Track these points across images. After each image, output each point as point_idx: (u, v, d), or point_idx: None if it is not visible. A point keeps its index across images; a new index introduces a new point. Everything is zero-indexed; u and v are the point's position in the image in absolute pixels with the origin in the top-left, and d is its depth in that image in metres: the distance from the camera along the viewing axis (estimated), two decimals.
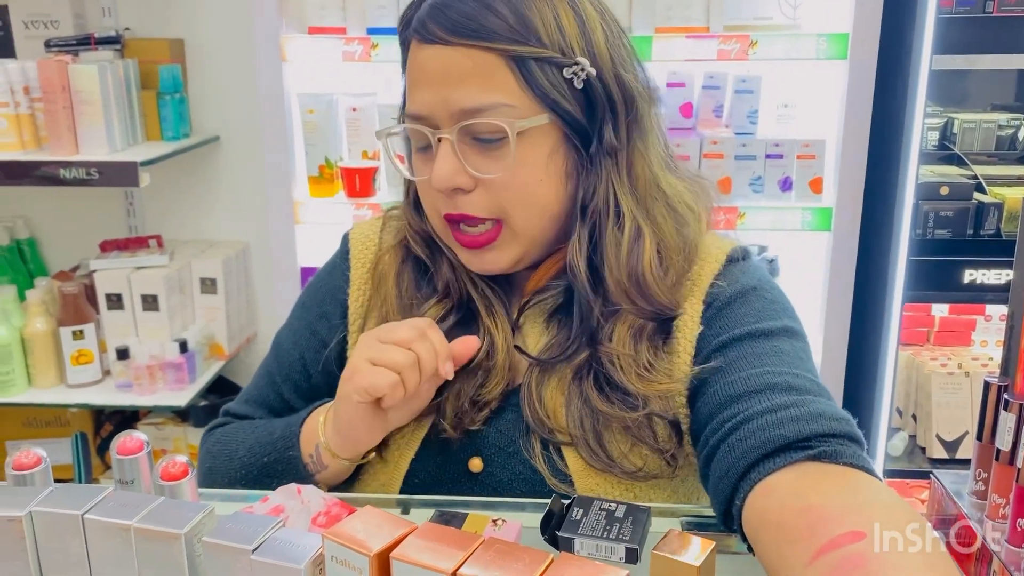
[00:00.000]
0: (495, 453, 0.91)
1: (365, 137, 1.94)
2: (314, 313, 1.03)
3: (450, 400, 0.91)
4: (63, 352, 2.00)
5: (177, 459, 0.81)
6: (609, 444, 0.87)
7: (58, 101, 1.85)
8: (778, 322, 0.87)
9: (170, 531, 0.67)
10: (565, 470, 0.88)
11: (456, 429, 0.91)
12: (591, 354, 0.89)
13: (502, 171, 0.84)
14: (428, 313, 0.93)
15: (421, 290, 0.96)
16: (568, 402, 0.88)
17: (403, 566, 0.60)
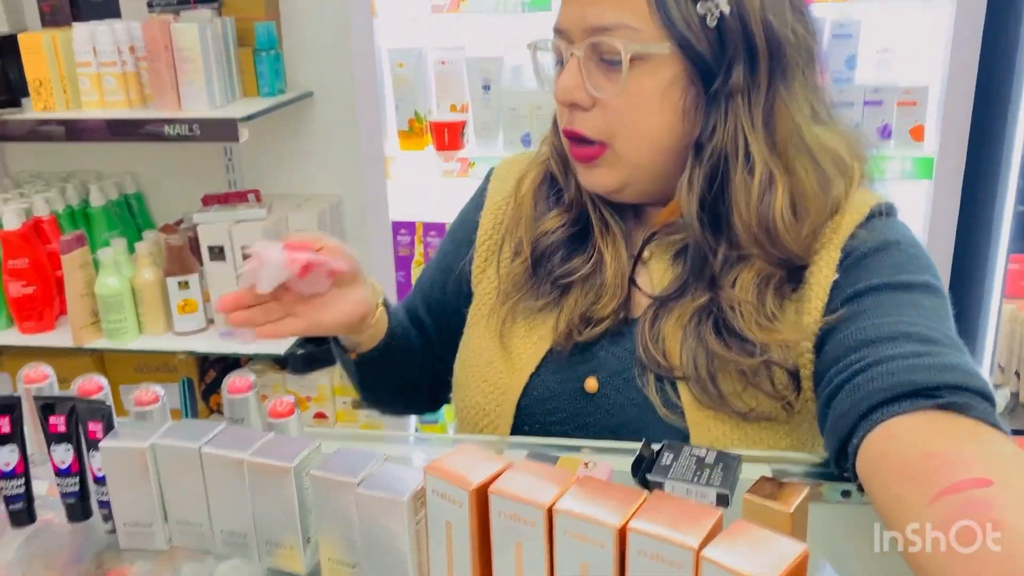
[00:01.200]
0: (610, 377, 0.94)
1: (454, 90, 1.95)
2: (449, 239, 1.12)
3: (564, 312, 0.96)
4: (170, 301, 2.10)
5: (284, 399, 0.85)
6: (722, 383, 0.88)
7: (161, 59, 1.92)
8: (919, 276, 0.85)
9: (280, 464, 0.72)
10: (677, 402, 0.90)
11: (567, 341, 0.95)
12: (711, 299, 0.89)
13: (615, 94, 0.86)
14: (547, 222, 0.98)
15: (550, 204, 1.00)
16: (683, 342, 0.90)
17: (501, 500, 0.63)
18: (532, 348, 0.98)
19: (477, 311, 1.05)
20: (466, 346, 1.05)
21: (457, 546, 0.66)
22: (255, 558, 0.76)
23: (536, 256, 0.99)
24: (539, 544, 0.62)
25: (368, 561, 0.70)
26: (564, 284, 0.97)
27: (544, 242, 0.99)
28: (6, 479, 0.79)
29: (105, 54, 1.96)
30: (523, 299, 1.00)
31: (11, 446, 0.79)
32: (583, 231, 0.99)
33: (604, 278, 0.95)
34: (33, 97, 2.03)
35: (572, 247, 0.98)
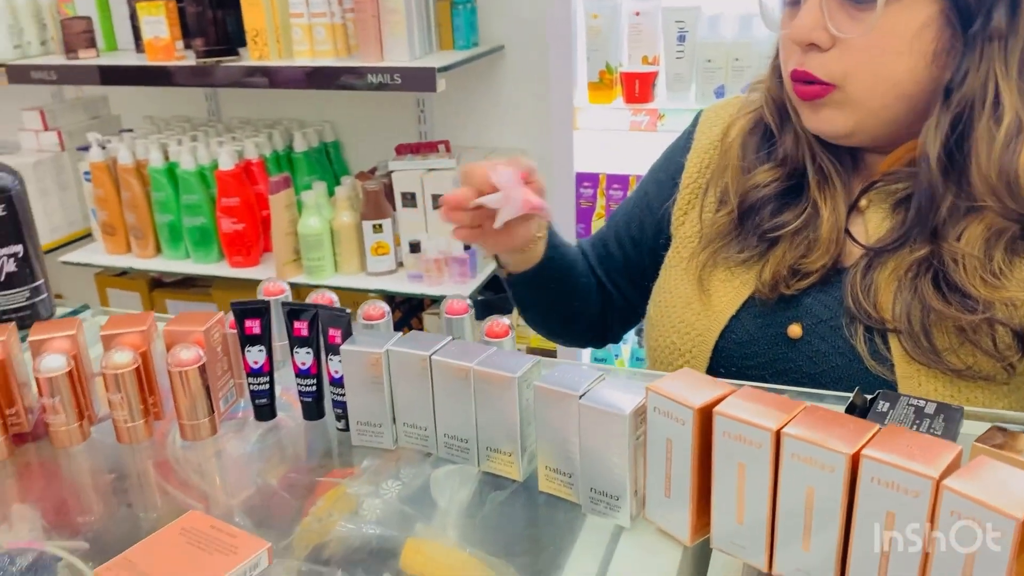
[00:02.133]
0: (816, 324, 0.93)
1: (647, 42, 1.94)
2: (651, 178, 1.13)
3: (770, 263, 0.95)
4: (364, 243, 2.22)
5: (500, 320, 0.89)
6: (937, 338, 0.85)
7: (368, 10, 2.01)
8: None
9: (504, 374, 0.76)
10: (887, 355, 0.88)
11: (772, 292, 0.94)
12: (932, 251, 0.87)
13: (863, 32, 0.83)
14: (758, 177, 0.97)
15: (761, 156, 0.99)
16: (897, 293, 0.87)
17: (726, 421, 0.64)
18: (733, 292, 0.98)
19: (676, 254, 1.06)
20: (662, 287, 1.06)
21: (676, 463, 0.68)
22: (474, 462, 0.80)
23: (743, 209, 0.98)
24: (764, 466, 0.62)
25: (584, 472, 0.73)
26: (772, 237, 0.96)
27: (753, 196, 0.97)
28: (254, 376, 0.87)
29: (317, 5, 2.07)
30: (725, 248, 0.99)
31: (260, 346, 0.87)
32: (797, 184, 0.96)
33: (818, 233, 0.93)
34: (250, 46, 2.18)
35: (783, 201, 0.97)
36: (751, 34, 1.87)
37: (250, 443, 0.90)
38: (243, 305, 0.86)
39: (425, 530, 0.75)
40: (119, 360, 0.83)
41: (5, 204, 1.06)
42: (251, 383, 0.88)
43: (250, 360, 0.87)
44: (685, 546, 0.69)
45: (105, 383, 0.83)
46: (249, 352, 0.87)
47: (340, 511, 0.77)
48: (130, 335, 0.87)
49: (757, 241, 0.97)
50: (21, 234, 1.09)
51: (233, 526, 0.71)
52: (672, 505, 0.69)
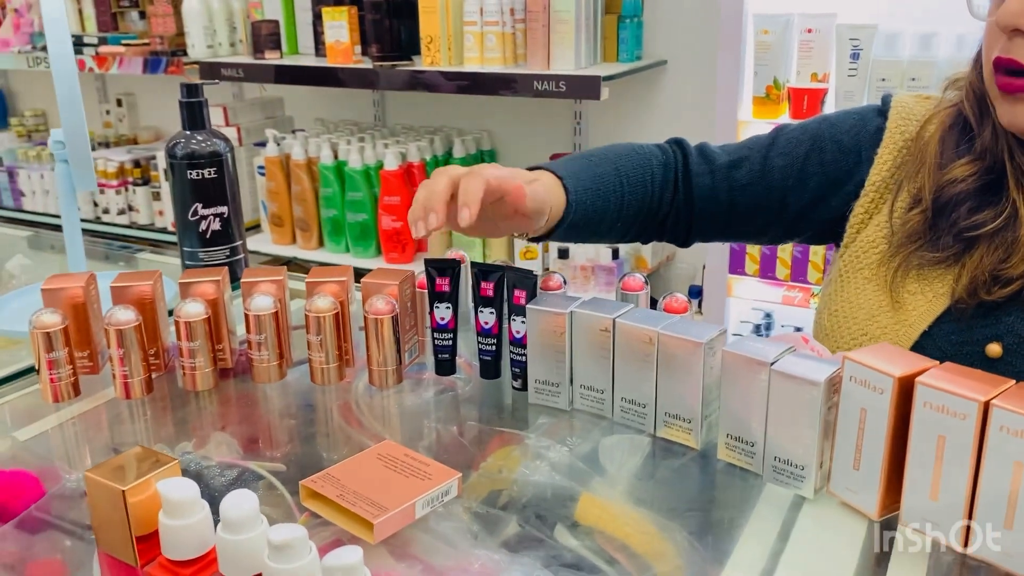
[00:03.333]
0: (1018, 343, 0.88)
1: (817, 58, 1.92)
2: (830, 134, 1.04)
3: (967, 267, 0.90)
4: (515, 248, 2.27)
5: (678, 296, 0.91)
6: None
7: (539, 20, 2.08)
8: None
9: (692, 340, 0.77)
10: None
11: (971, 298, 0.89)
12: None
13: None
14: (956, 171, 0.92)
15: (959, 151, 0.94)
16: None
17: (929, 391, 0.63)
18: (926, 304, 0.92)
19: (857, 259, 1.00)
20: (840, 295, 1.01)
21: (869, 435, 0.67)
22: (650, 428, 0.82)
23: (938, 206, 0.93)
24: (967, 439, 0.61)
25: (771, 441, 0.73)
26: (969, 238, 0.90)
27: (950, 191, 0.92)
28: (440, 332, 0.92)
29: (490, 14, 2.15)
30: (918, 250, 0.94)
31: (447, 303, 0.91)
32: (996, 182, 0.91)
33: (1018, 233, 0.87)
34: (423, 52, 2.28)
35: (982, 198, 0.91)
36: (931, 53, 1.81)
37: (430, 396, 0.94)
38: (435, 263, 0.91)
39: (599, 486, 0.77)
40: (321, 305, 0.89)
41: (217, 168, 1.16)
42: (436, 338, 0.92)
43: (437, 316, 0.91)
44: (871, 521, 0.68)
45: (307, 325, 0.89)
46: (437, 308, 0.91)
47: (514, 463, 0.80)
48: (331, 284, 0.93)
49: (953, 241, 0.91)
50: (226, 197, 1.19)
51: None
52: (861, 478, 0.68)
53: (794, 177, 1.04)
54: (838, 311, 1.00)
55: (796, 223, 1.06)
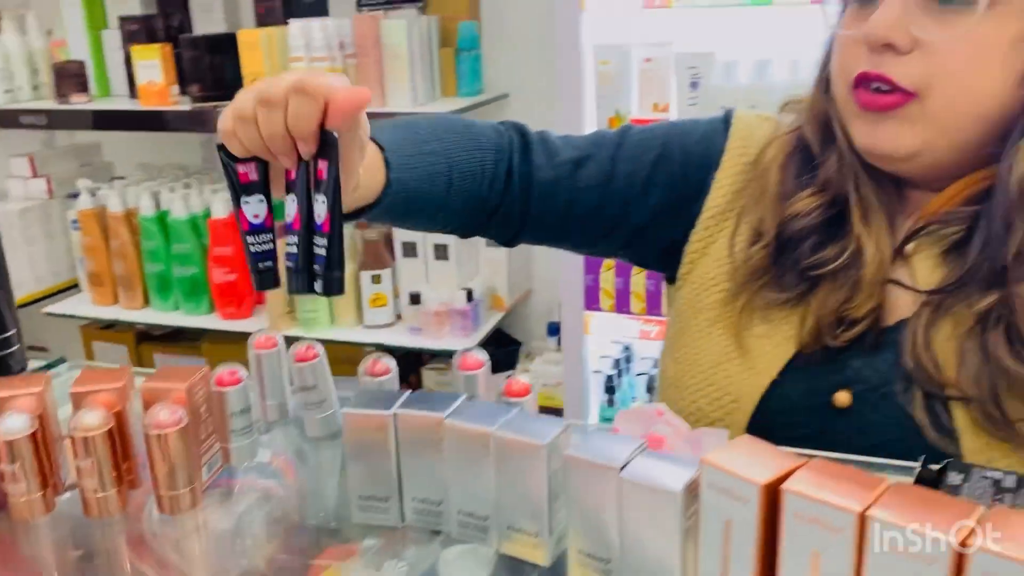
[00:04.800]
0: (867, 391, 0.82)
1: (657, 88, 1.88)
2: (678, 142, 0.96)
3: (813, 308, 0.84)
4: (362, 295, 2.13)
5: (520, 378, 0.80)
6: (1009, 405, 0.76)
7: (370, 55, 1.96)
8: None
9: (531, 441, 0.66)
10: (950, 425, 0.78)
11: (815, 343, 0.84)
12: (1001, 298, 0.77)
13: (955, 38, 0.75)
14: (798, 205, 0.86)
15: (802, 181, 0.88)
16: (963, 355, 0.78)
17: (798, 500, 0.54)
18: (773, 350, 0.87)
19: (697, 298, 0.93)
20: (682, 339, 0.94)
21: (736, 548, 0.58)
22: (492, 543, 0.70)
23: (782, 241, 0.87)
24: (844, 554, 0.53)
25: (625, 558, 0.62)
26: (813, 276, 0.85)
27: (794, 226, 0.87)
28: (255, 234, 0.73)
29: (317, 50, 2.01)
30: (762, 290, 0.88)
31: (259, 195, 0.72)
32: (840, 215, 0.86)
33: (861, 273, 0.83)
34: None
35: (826, 233, 0.86)
36: (768, 79, 1.81)
37: (236, 516, 0.80)
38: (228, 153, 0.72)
39: None
40: (89, 421, 0.73)
41: None
42: (252, 243, 0.74)
43: (249, 214, 0.73)
44: None
45: (72, 447, 0.73)
46: (247, 204, 0.72)
47: None
48: (103, 393, 0.77)
49: (797, 279, 0.86)
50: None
51: None
52: None
53: (639, 186, 0.94)
54: (681, 357, 0.93)
55: (634, 237, 0.98)
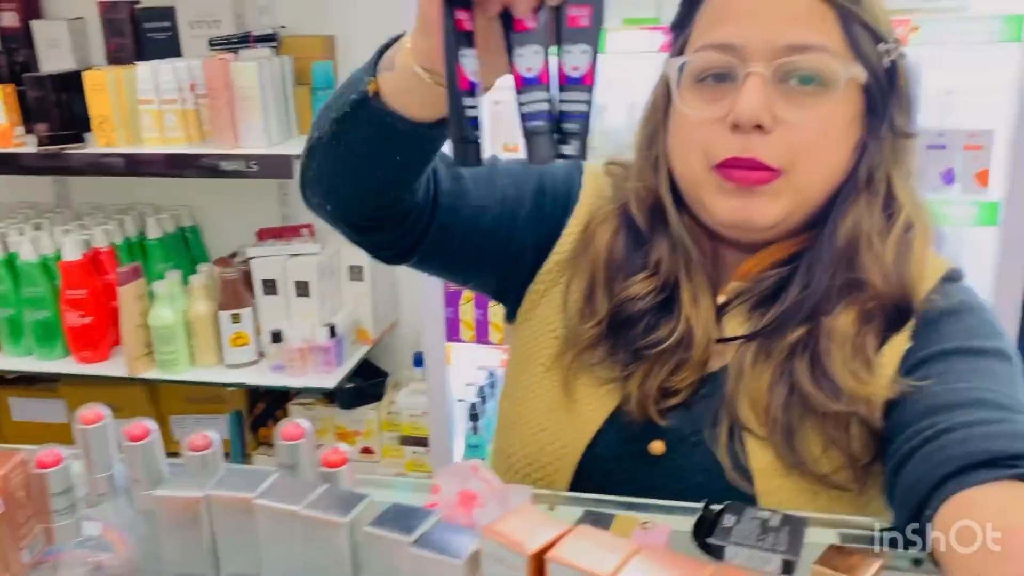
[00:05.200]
0: (679, 440, 0.89)
1: (507, 129, 1.95)
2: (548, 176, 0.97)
3: (637, 379, 0.89)
4: (222, 334, 2.12)
5: (338, 448, 0.84)
6: (801, 443, 0.84)
7: (221, 97, 1.96)
8: (991, 343, 0.83)
9: (334, 519, 0.70)
10: (747, 465, 0.85)
11: (640, 413, 0.89)
12: (809, 330, 0.85)
13: (812, 117, 0.82)
14: (632, 289, 0.91)
15: (633, 260, 0.93)
16: (773, 388, 0.85)
17: (559, 568, 0.60)
18: (598, 402, 0.92)
19: (534, 341, 0.97)
20: (519, 380, 0.98)
21: None
22: None
23: (615, 323, 0.91)
24: None
25: None
26: (644, 354, 0.90)
27: (629, 308, 0.91)
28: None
29: (167, 92, 2.00)
30: (592, 361, 0.93)
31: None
32: (671, 298, 0.91)
33: (690, 352, 0.89)
34: (96, 132, 2.08)
35: (658, 315, 0.90)
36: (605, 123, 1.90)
37: None
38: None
39: None
40: None
41: None
42: (468, 105, 0.62)
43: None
44: None
45: None
46: (464, 58, 0.62)
47: None
48: None
49: (629, 358, 0.90)
50: None
51: None
52: None
53: (521, 216, 0.96)
54: (519, 399, 0.97)
55: (509, 267, 0.98)
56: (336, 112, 0.80)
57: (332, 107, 0.82)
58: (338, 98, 0.81)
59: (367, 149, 0.81)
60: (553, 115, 0.62)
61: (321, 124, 0.83)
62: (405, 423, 2.23)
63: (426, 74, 0.70)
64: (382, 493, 0.95)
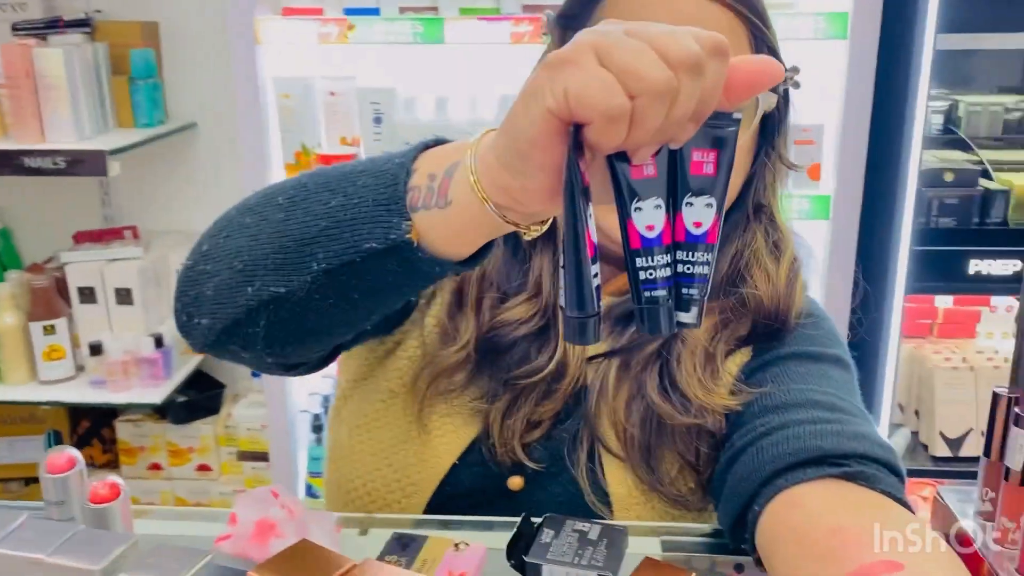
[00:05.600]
0: (537, 474, 0.82)
1: (344, 122, 1.86)
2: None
3: (499, 412, 0.81)
4: (34, 348, 1.93)
5: (108, 480, 0.74)
6: (658, 462, 0.81)
7: (23, 87, 1.78)
8: (830, 350, 0.83)
9: (85, 567, 0.61)
10: (606, 488, 0.81)
11: (503, 449, 0.81)
12: (663, 343, 0.82)
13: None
14: (509, 313, 0.82)
15: (510, 278, 0.84)
16: (631, 402, 0.81)
17: None
18: (454, 434, 0.83)
19: (378, 361, 0.87)
20: (359, 405, 0.88)
21: None
22: None
23: (485, 349, 0.82)
24: None
25: None
26: (513, 385, 0.82)
27: (505, 334, 0.82)
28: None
29: None
30: (451, 387, 0.84)
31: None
32: (546, 325, 0.83)
33: (562, 383, 0.82)
34: None
35: (535, 342, 0.82)
36: (448, 117, 1.85)
37: None
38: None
39: None
40: None
41: None
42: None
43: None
44: None
45: None
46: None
47: None
48: None
49: (495, 387, 0.82)
50: None
51: None
52: None
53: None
54: (359, 426, 0.87)
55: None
56: (328, 262, 0.60)
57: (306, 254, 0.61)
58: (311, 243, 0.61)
59: (373, 297, 0.64)
60: (670, 279, 0.51)
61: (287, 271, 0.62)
62: (243, 437, 2.11)
63: (498, 212, 0.55)
64: (170, 527, 0.86)
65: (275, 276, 0.62)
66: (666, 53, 0.46)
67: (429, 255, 0.59)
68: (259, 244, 0.63)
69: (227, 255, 0.65)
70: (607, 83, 0.45)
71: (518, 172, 0.51)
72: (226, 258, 0.65)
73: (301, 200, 0.62)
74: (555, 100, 0.47)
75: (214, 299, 0.66)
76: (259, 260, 0.63)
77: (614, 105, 0.45)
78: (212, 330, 0.67)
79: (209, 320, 0.67)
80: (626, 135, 0.47)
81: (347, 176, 0.62)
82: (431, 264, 0.59)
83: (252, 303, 0.64)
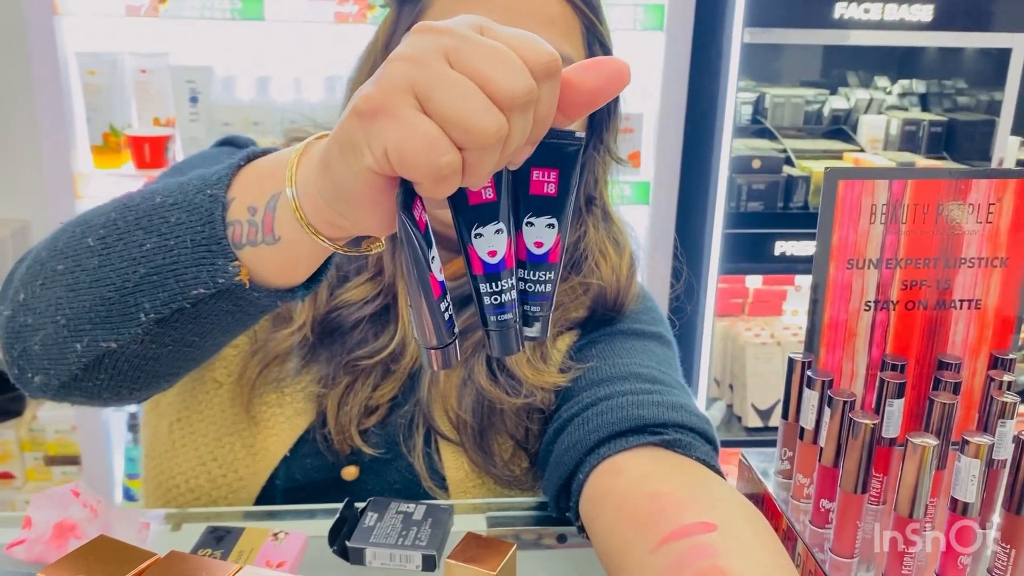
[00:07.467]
0: (372, 462, 0.80)
1: (157, 102, 1.76)
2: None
3: (334, 399, 0.78)
4: None
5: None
6: (491, 445, 0.81)
7: None
8: (653, 328, 0.86)
9: None
10: (443, 473, 0.80)
11: (338, 437, 0.79)
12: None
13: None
14: (349, 294, 0.79)
15: (351, 259, 0.81)
16: (462, 386, 0.80)
17: None
18: (285, 425, 0.80)
19: (219, 353, 0.82)
20: (183, 402, 0.82)
21: None
22: None
23: (324, 331, 0.80)
24: None
25: None
26: (351, 368, 0.79)
27: (345, 316, 0.79)
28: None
29: None
30: (283, 373, 0.80)
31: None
32: (389, 305, 0.81)
33: (400, 363, 0.80)
34: None
35: (375, 324, 0.80)
36: (270, 97, 1.78)
37: None
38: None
39: None
40: None
41: None
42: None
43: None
44: None
45: None
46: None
47: None
48: None
49: (333, 371, 0.79)
50: None
51: None
52: None
53: None
54: (180, 419, 0.82)
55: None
56: (156, 312, 0.56)
57: (130, 304, 0.56)
58: (134, 291, 0.56)
59: (213, 336, 0.61)
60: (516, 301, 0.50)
61: (114, 324, 0.57)
62: (51, 440, 1.96)
63: (333, 245, 0.52)
64: None
65: (103, 331, 0.57)
66: (495, 93, 0.40)
67: (263, 290, 0.56)
68: (78, 296, 0.58)
69: (47, 307, 0.59)
70: (431, 139, 0.40)
71: (347, 214, 0.47)
72: (47, 311, 0.59)
73: (114, 242, 0.57)
74: (375, 160, 0.42)
75: (43, 355, 0.60)
76: (82, 314, 0.58)
77: (443, 164, 0.40)
78: (49, 386, 0.62)
79: (43, 377, 0.61)
80: (460, 183, 0.43)
81: (157, 211, 0.56)
82: (269, 297, 0.56)
83: (85, 359, 0.59)
